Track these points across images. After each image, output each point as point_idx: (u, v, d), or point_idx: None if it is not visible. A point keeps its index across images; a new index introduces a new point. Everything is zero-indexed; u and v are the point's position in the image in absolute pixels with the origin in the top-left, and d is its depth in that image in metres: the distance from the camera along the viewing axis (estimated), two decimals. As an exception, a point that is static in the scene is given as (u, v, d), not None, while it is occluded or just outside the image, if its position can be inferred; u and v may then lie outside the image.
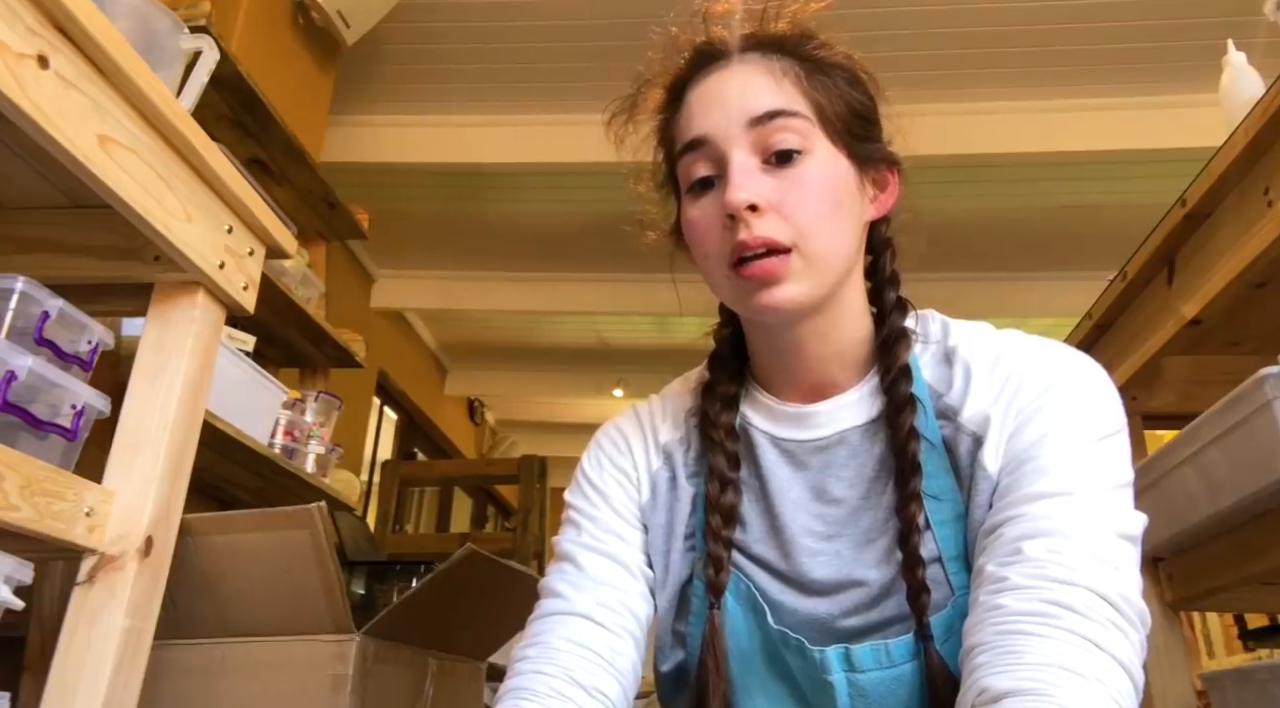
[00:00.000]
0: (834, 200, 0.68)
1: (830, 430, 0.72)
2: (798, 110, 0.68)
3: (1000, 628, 0.57)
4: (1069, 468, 0.63)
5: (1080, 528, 0.60)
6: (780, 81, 0.70)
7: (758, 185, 0.66)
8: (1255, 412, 1.07)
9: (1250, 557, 1.17)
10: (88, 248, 0.89)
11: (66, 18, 0.69)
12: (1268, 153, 1.06)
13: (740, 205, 0.65)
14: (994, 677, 0.54)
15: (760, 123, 0.68)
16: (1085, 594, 0.57)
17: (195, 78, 1.09)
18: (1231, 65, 1.35)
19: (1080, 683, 0.53)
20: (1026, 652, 0.54)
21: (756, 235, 0.65)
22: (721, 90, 0.71)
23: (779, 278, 0.66)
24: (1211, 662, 3.99)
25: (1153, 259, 1.32)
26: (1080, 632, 0.55)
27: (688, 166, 0.71)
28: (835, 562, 0.69)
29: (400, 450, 5.10)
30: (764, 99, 0.68)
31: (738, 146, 0.68)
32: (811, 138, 0.68)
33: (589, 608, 0.71)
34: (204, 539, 1.09)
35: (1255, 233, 1.07)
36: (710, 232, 0.69)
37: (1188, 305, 1.23)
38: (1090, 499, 0.61)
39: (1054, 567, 0.58)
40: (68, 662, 0.77)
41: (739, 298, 0.69)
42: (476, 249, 4.26)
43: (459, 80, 3.18)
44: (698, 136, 0.70)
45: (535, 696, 0.66)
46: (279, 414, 1.92)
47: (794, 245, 0.66)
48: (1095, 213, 3.53)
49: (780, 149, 0.67)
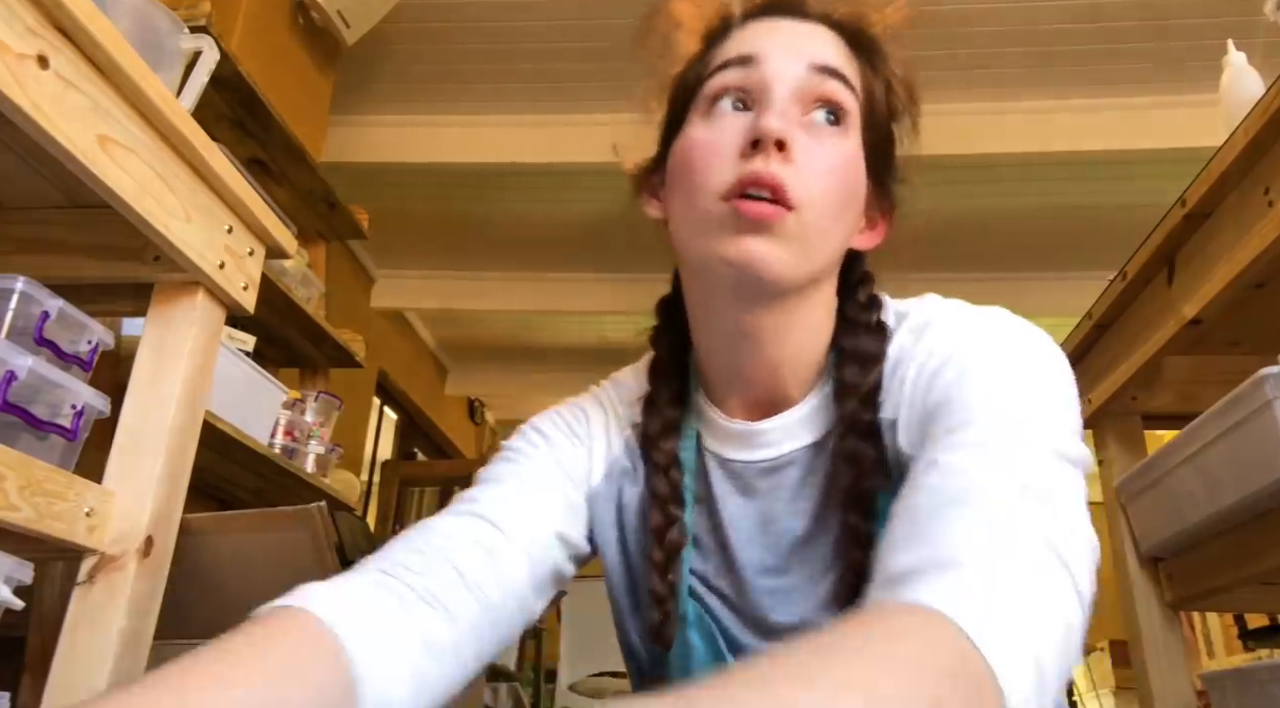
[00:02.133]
0: (847, 190, 0.62)
1: (779, 451, 0.66)
2: (855, 87, 0.64)
3: (912, 520, 0.48)
4: (987, 399, 0.54)
5: (1003, 447, 0.51)
6: (848, 58, 0.65)
7: (794, 130, 0.60)
8: (1255, 412, 1.07)
9: (1250, 557, 1.17)
10: (88, 248, 0.89)
11: (66, 18, 0.69)
12: (1268, 153, 1.06)
13: (775, 133, 0.58)
14: (891, 556, 0.46)
15: (819, 72, 0.62)
16: (1007, 486, 0.48)
17: (195, 78, 1.09)
18: (1231, 65, 1.35)
19: (997, 552, 0.44)
20: (932, 529, 0.46)
21: (774, 172, 0.58)
22: (787, 31, 0.65)
23: (770, 227, 0.58)
24: (1211, 662, 3.99)
25: (1153, 259, 1.32)
26: (999, 513, 0.47)
27: (718, 82, 0.63)
28: (789, 603, 0.64)
29: (400, 450, 5.10)
30: (830, 55, 0.63)
31: (788, 83, 0.61)
32: (853, 122, 0.63)
33: (492, 513, 0.63)
34: (204, 539, 1.09)
35: (1255, 233, 1.07)
36: (715, 156, 0.61)
37: (1188, 305, 1.23)
38: (1014, 425, 0.52)
39: (975, 471, 0.49)
40: (68, 662, 0.77)
41: (716, 238, 0.60)
42: (476, 249, 4.26)
43: (459, 80, 3.18)
44: (745, 53, 0.63)
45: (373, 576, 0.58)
46: (279, 414, 1.92)
47: (798, 206, 0.59)
48: (1095, 213, 3.53)
49: (829, 104, 0.61)
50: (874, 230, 0.70)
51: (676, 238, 0.65)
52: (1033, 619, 0.42)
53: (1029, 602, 0.42)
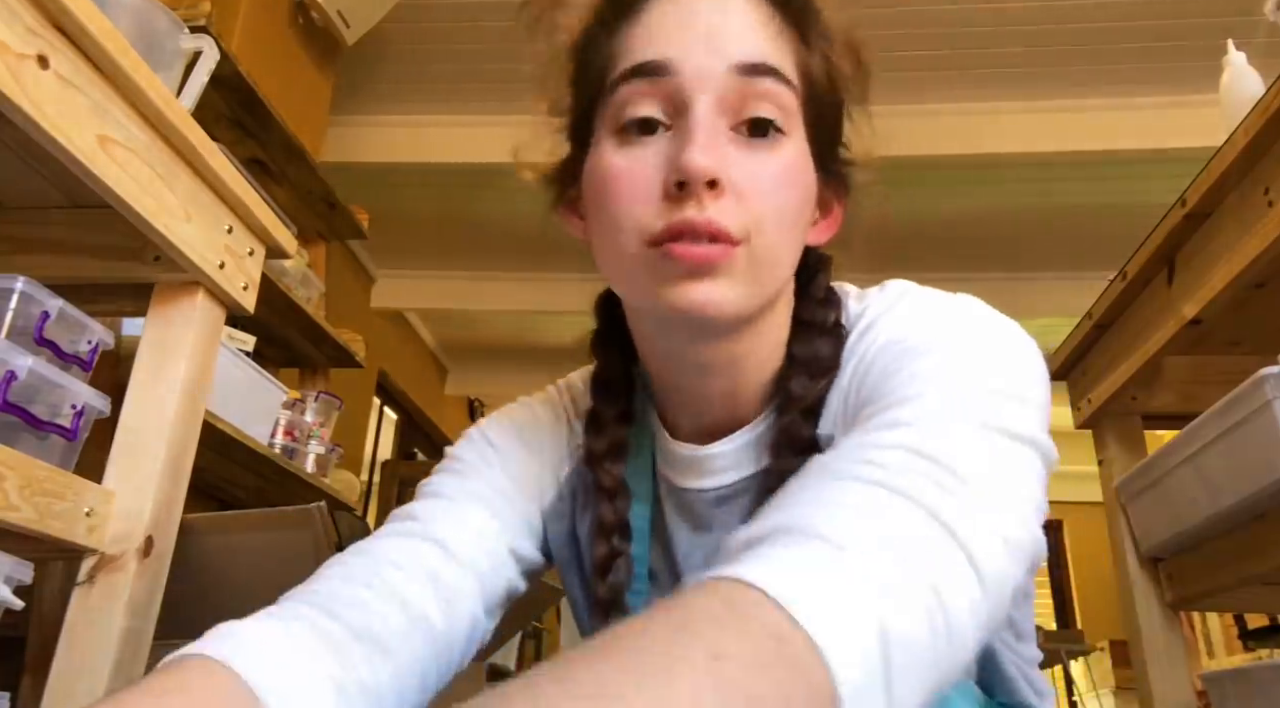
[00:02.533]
0: (795, 203, 0.54)
1: (731, 477, 0.59)
2: (791, 79, 0.54)
3: (784, 491, 0.43)
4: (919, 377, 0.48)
5: (920, 420, 0.44)
6: (779, 37, 0.54)
7: (725, 156, 0.51)
8: (1255, 412, 1.07)
9: (1250, 557, 1.17)
10: (88, 248, 0.89)
11: (66, 18, 0.69)
12: (1268, 153, 1.06)
13: (703, 174, 0.49)
14: (748, 527, 0.40)
15: (747, 73, 0.52)
16: (907, 454, 0.42)
17: (195, 78, 1.09)
18: (1231, 65, 1.35)
19: (857, 517, 0.38)
20: (802, 496, 0.41)
21: (709, 219, 0.49)
22: (696, 14, 0.53)
23: (714, 270, 0.50)
24: (1211, 662, 3.99)
25: (1153, 259, 1.32)
26: (886, 481, 0.41)
27: (626, 97, 0.53)
28: None
29: (400, 450, 5.10)
30: (759, 46, 0.53)
31: (708, 92, 0.51)
32: (793, 119, 0.54)
33: (437, 533, 0.57)
34: (204, 539, 1.09)
35: (1255, 233, 1.07)
36: (635, 196, 0.52)
37: (1188, 305, 1.23)
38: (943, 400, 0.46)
39: (876, 443, 0.43)
40: (68, 662, 0.77)
41: (651, 287, 0.52)
42: (476, 249, 4.26)
43: (459, 80, 3.18)
44: (658, 60, 0.52)
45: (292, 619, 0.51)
46: (279, 414, 1.92)
47: (744, 239, 0.51)
48: (1095, 213, 3.53)
49: (759, 117, 0.52)
50: (829, 219, 0.62)
51: (603, 270, 0.58)
52: (884, 589, 0.36)
53: (884, 571, 0.36)
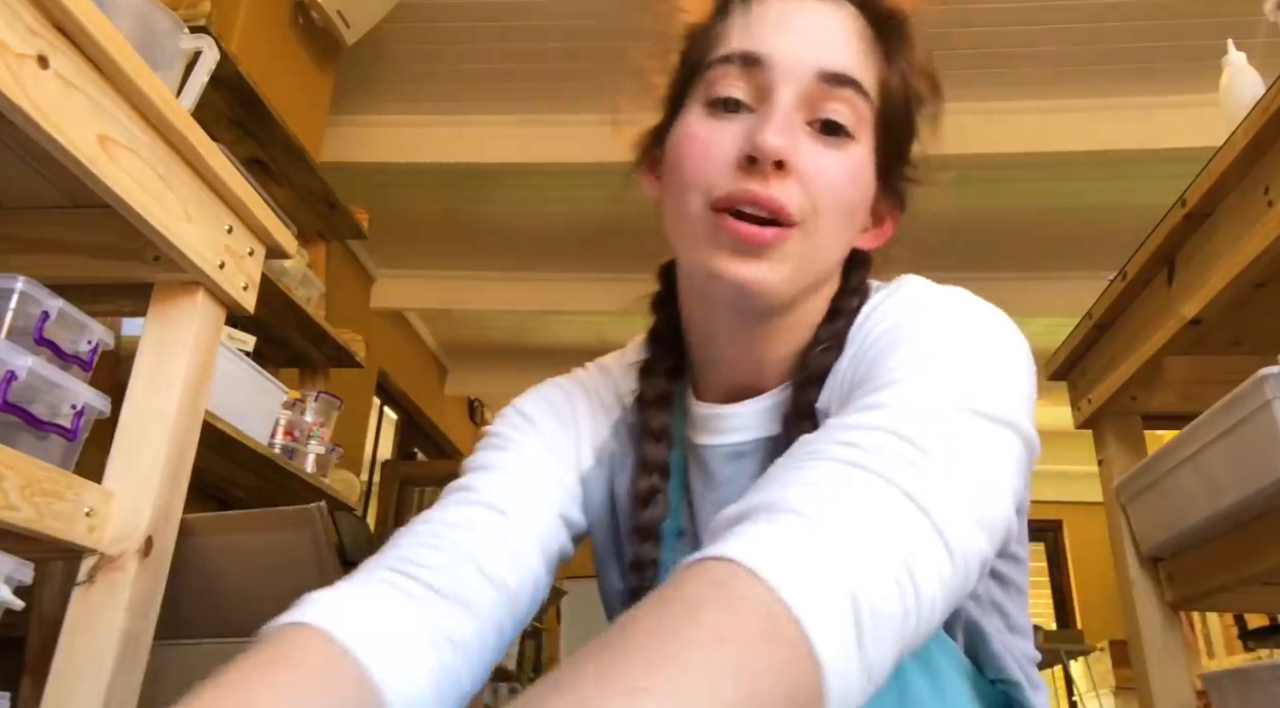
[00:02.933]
0: (852, 201, 0.59)
1: (744, 437, 0.63)
2: (869, 92, 0.59)
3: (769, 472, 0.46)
4: (904, 362, 0.51)
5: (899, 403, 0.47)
6: (865, 52, 0.60)
7: (796, 143, 0.56)
8: (1255, 412, 1.07)
9: (1250, 557, 1.17)
10: (88, 248, 0.89)
11: (66, 18, 0.69)
12: (1268, 153, 1.06)
13: (775, 152, 0.54)
14: (734, 506, 0.43)
15: (828, 81, 0.57)
16: (883, 435, 0.45)
17: (195, 78, 1.09)
18: (1231, 65, 1.35)
19: (832, 495, 0.41)
20: (782, 478, 0.44)
21: (772, 195, 0.54)
22: (803, 18, 0.59)
23: (765, 251, 0.55)
24: (1211, 662, 3.99)
25: (1153, 259, 1.32)
26: (861, 461, 0.43)
27: (720, 76, 0.59)
28: None
29: (400, 450, 5.10)
30: (843, 57, 0.58)
31: (793, 87, 0.57)
32: (864, 128, 0.59)
33: (497, 500, 0.61)
34: (204, 539, 1.09)
35: (1255, 233, 1.07)
36: (710, 159, 0.57)
37: (1188, 305, 1.23)
38: (922, 383, 0.49)
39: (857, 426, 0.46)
40: (68, 662, 0.77)
41: (705, 251, 0.57)
42: (476, 249, 4.26)
43: (459, 80, 3.18)
44: (752, 52, 0.58)
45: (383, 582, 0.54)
46: (279, 414, 1.92)
47: (800, 222, 0.56)
48: (1095, 213, 3.53)
49: (833, 119, 0.57)
50: (880, 229, 0.66)
51: (667, 229, 0.63)
52: (856, 562, 0.39)
53: (856, 545, 0.39)
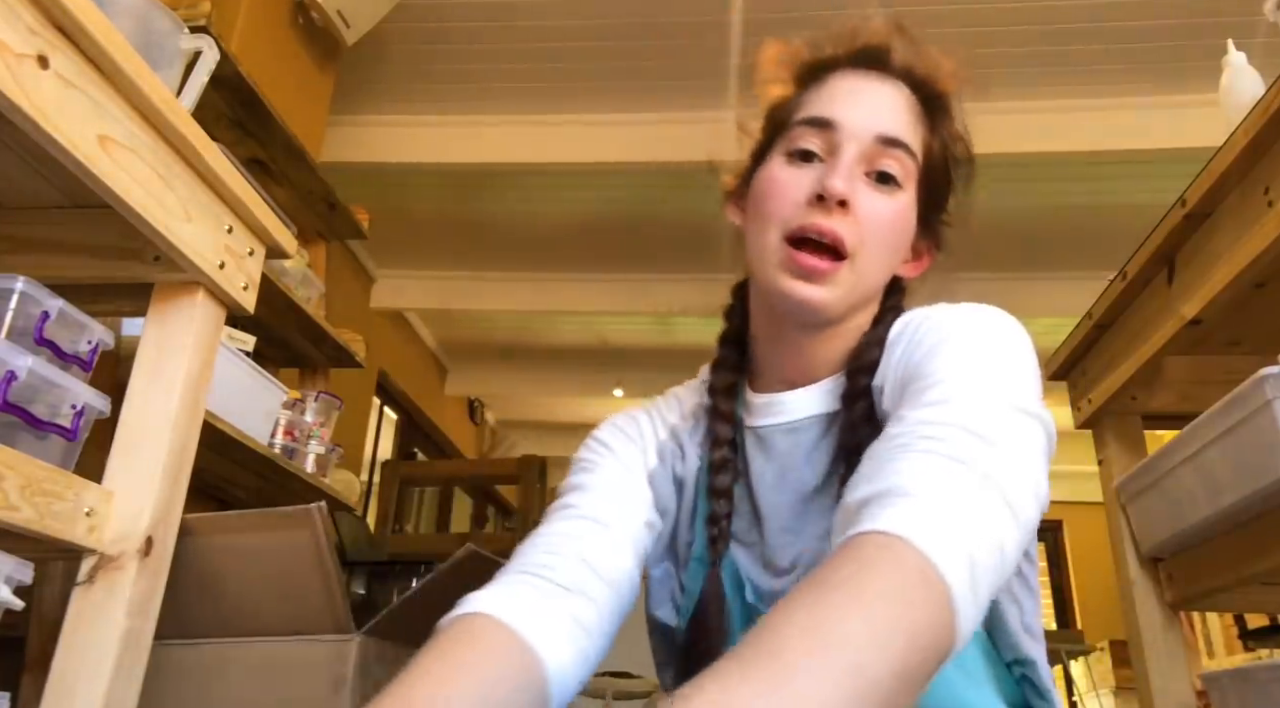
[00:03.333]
0: (896, 237, 0.75)
1: (799, 415, 0.77)
2: (915, 152, 0.75)
3: (872, 461, 0.57)
4: (951, 365, 0.64)
5: (959, 401, 0.60)
6: (914, 121, 0.76)
7: (856, 188, 0.72)
8: (1255, 412, 1.07)
9: (1250, 557, 1.17)
10: (88, 248, 0.89)
11: (66, 18, 0.69)
12: (1268, 153, 1.06)
13: (839, 194, 0.70)
14: (853, 492, 0.55)
15: (884, 143, 0.73)
16: (957, 430, 0.57)
17: (195, 78, 1.09)
18: (1231, 65, 1.35)
19: (945, 483, 0.53)
20: (889, 467, 0.55)
21: (833, 227, 0.70)
22: (866, 94, 0.76)
23: (823, 278, 0.71)
24: (1211, 662, 4.00)
25: (1153, 259, 1.32)
26: (947, 452, 0.55)
27: (800, 134, 0.75)
28: (798, 543, 0.74)
29: (400, 450, 5.10)
30: (896, 125, 0.74)
31: (856, 145, 0.73)
32: (909, 181, 0.75)
33: (599, 514, 0.75)
34: (204, 539, 1.09)
35: (1255, 233, 1.07)
36: (787, 197, 0.73)
37: (1188, 305, 1.23)
38: (972, 384, 0.62)
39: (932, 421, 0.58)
40: (68, 662, 0.77)
41: (775, 273, 0.72)
42: (476, 249, 4.26)
43: (459, 80, 3.18)
44: (828, 118, 0.74)
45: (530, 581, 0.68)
46: (279, 414, 1.92)
47: (851, 255, 0.71)
48: (1095, 213, 3.53)
49: (886, 172, 0.73)
50: (919, 261, 0.82)
51: (747, 251, 0.77)
52: (969, 532, 0.51)
53: (966, 520, 0.52)
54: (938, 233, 0.82)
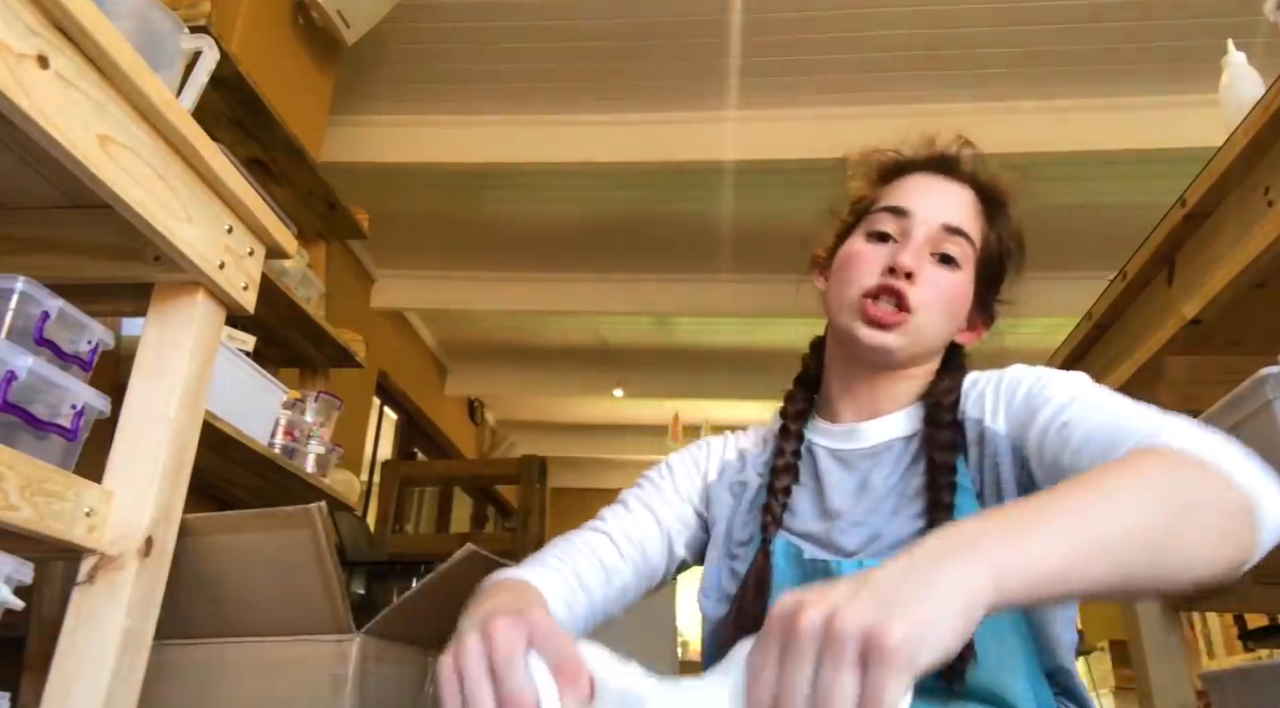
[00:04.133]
0: (953, 304, 0.88)
1: (878, 440, 0.89)
2: (974, 240, 0.89)
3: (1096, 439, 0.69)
4: (1066, 386, 0.79)
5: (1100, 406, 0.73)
6: (975, 216, 0.91)
7: (922, 265, 0.86)
8: (1255, 412, 1.07)
9: (1250, 557, 1.17)
10: (88, 248, 0.89)
11: (66, 18, 0.69)
12: (1268, 153, 1.06)
13: (908, 267, 0.85)
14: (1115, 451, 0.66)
15: (948, 231, 0.88)
16: (1140, 409, 0.70)
17: (195, 78, 1.09)
18: (1231, 65, 1.35)
19: (1185, 429, 0.64)
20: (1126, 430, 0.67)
21: (901, 287, 0.85)
22: (936, 190, 0.91)
23: (891, 327, 0.85)
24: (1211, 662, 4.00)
25: (1153, 259, 1.32)
26: (1157, 418, 0.68)
27: (879, 219, 0.90)
28: (865, 530, 0.83)
29: (400, 450, 5.10)
30: (959, 217, 0.89)
31: (924, 230, 0.88)
32: (969, 264, 0.89)
33: (613, 532, 0.91)
34: (204, 539, 1.09)
35: (1255, 233, 1.07)
36: (865, 267, 0.87)
37: (1188, 305, 1.23)
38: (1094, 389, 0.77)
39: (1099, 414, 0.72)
40: (68, 662, 0.77)
41: (852, 322, 0.87)
42: (476, 249, 4.26)
43: (459, 80, 3.18)
44: (904, 207, 0.89)
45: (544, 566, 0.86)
46: (279, 414, 1.92)
47: (914, 310, 0.85)
48: (1095, 213, 3.53)
49: (948, 254, 0.87)
50: (974, 332, 0.95)
51: (829, 307, 0.91)
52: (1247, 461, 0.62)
53: (1236, 451, 0.62)
54: (991, 310, 0.95)
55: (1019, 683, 0.74)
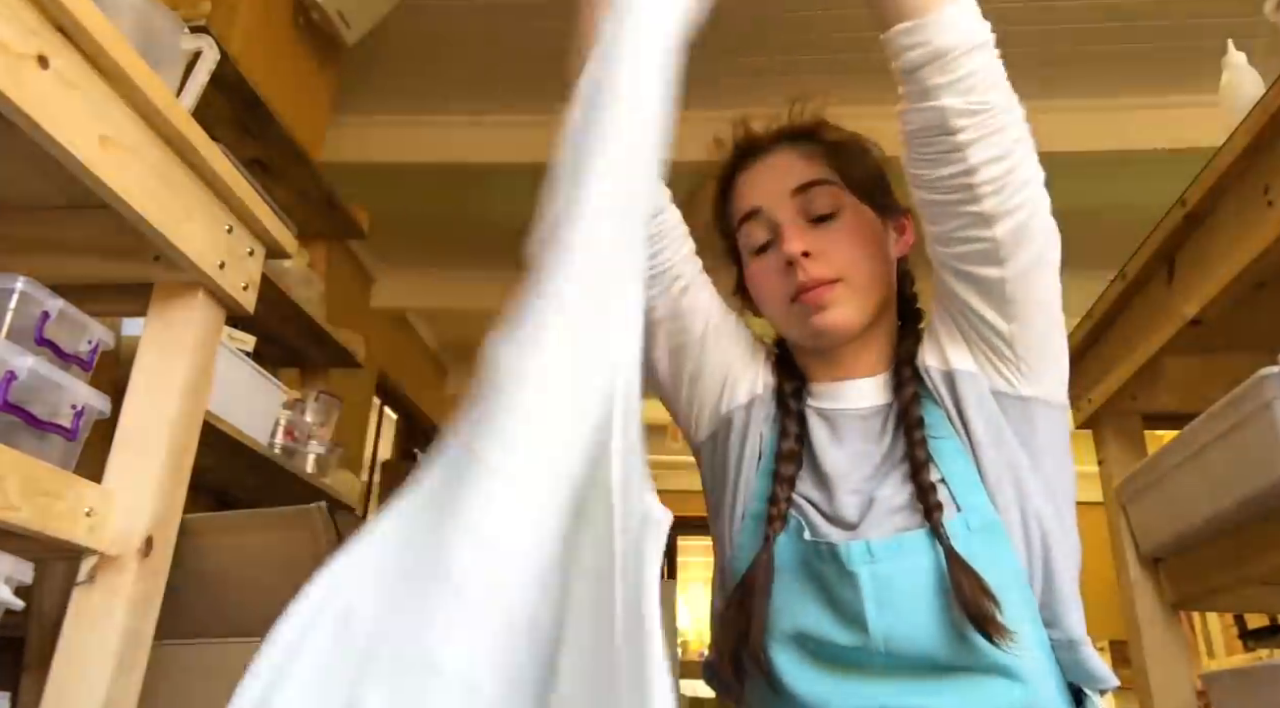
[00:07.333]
0: (866, 243, 0.87)
1: (864, 403, 0.89)
2: (828, 178, 0.88)
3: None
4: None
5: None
6: (810, 160, 0.90)
7: (806, 238, 0.86)
8: (1255, 412, 1.07)
9: (1250, 557, 1.17)
10: (88, 248, 0.89)
11: (66, 18, 0.69)
12: (1268, 153, 1.06)
13: (796, 252, 0.84)
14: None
15: (801, 192, 0.87)
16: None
17: (195, 78, 1.09)
18: (1231, 65, 1.35)
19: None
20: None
21: (810, 275, 0.84)
22: (766, 171, 0.91)
23: (828, 302, 0.84)
24: (1211, 662, 4.00)
25: (1153, 259, 1.32)
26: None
27: (748, 235, 0.91)
28: (860, 497, 0.82)
29: (400, 450, 5.10)
30: (802, 172, 0.89)
31: (786, 211, 0.87)
32: (842, 199, 0.88)
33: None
34: (204, 539, 1.09)
35: (1255, 233, 1.07)
36: (772, 279, 0.88)
37: (1188, 305, 1.23)
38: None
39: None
40: (68, 662, 0.77)
41: (799, 322, 0.87)
42: (476, 249, 4.25)
43: (460, 80, 3.18)
44: (753, 207, 0.90)
45: None
46: (279, 414, 1.92)
47: (840, 278, 0.85)
48: (1095, 213, 3.52)
49: (818, 212, 0.87)
50: (904, 234, 0.93)
51: (776, 327, 0.93)
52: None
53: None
54: (895, 207, 0.93)
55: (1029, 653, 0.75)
